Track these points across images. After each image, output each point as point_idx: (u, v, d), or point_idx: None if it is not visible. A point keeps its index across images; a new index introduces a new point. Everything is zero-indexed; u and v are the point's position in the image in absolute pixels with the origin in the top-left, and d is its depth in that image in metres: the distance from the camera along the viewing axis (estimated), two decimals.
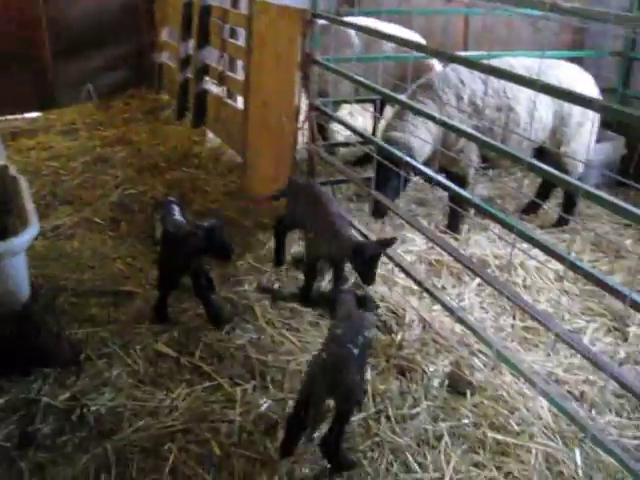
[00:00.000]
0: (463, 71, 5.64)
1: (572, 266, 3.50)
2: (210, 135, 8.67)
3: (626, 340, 4.84)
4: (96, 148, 8.27)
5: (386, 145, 5.26)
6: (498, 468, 3.60)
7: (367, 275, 4.62)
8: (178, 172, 7.54)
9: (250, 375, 4.25)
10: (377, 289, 5.20)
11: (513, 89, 5.68)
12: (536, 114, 5.77)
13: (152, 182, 7.25)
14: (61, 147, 8.29)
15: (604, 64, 7.89)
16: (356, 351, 3.51)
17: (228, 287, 5.23)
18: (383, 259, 4.96)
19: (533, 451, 3.70)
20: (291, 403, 3.88)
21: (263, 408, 3.95)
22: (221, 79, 7.98)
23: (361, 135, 5.73)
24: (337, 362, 3.42)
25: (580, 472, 3.58)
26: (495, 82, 5.61)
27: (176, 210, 4.92)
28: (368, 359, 4.11)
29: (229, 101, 8.17)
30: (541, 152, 5.97)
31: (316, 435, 3.46)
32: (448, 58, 4.38)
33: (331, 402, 3.48)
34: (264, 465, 3.55)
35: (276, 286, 5.27)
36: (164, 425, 3.82)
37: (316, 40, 5.73)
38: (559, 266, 5.43)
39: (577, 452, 3.69)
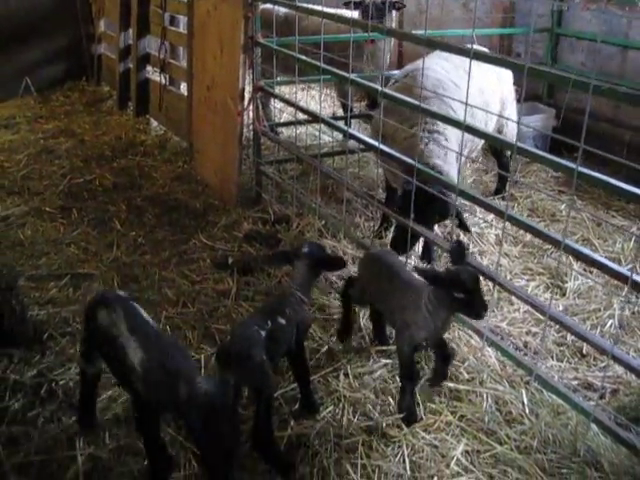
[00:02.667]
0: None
1: (510, 218, 3.76)
2: (154, 123, 8.74)
3: (564, 295, 5.16)
4: (39, 140, 8.27)
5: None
6: (453, 413, 3.85)
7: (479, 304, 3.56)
8: (125, 160, 7.62)
9: (210, 342, 4.41)
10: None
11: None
12: (490, 103, 5.85)
13: (99, 171, 7.31)
14: (2, 141, 8.25)
15: (533, 41, 8.26)
16: (263, 334, 3.46)
17: (183, 264, 5.36)
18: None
19: (484, 395, 3.98)
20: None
21: None
22: (163, 67, 8.05)
23: (308, 113, 5.90)
24: (240, 346, 3.40)
25: (527, 410, 3.86)
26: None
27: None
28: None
29: (172, 88, 8.25)
30: None
31: None
32: (387, 33, 4.58)
33: None
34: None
35: (230, 260, 5.40)
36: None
37: (257, 22, 5.88)
38: (498, 231, 5.79)
39: (523, 393, 3.98)
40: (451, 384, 4.04)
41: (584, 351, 4.50)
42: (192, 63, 7.03)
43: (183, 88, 8.10)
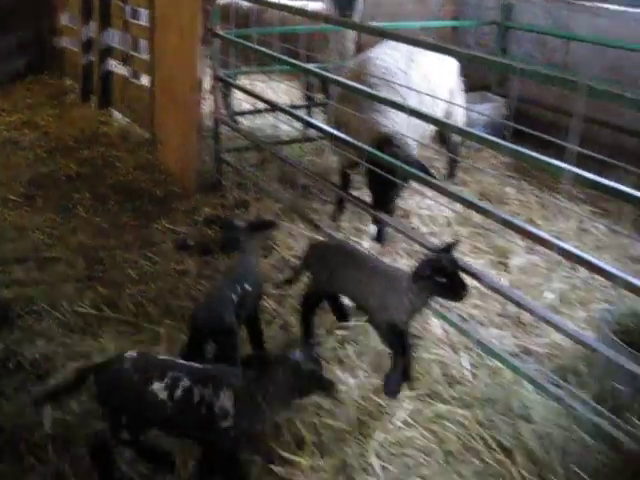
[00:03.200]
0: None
1: (460, 199, 4.05)
2: (117, 115, 8.89)
3: (509, 271, 5.48)
4: (2, 132, 8.35)
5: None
6: None
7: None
8: (88, 151, 7.74)
9: (171, 317, 4.64)
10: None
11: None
12: (438, 92, 6.07)
13: (64, 161, 7.43)
14: None
15: (483, 33, 8.60)
16: (234, 297, 3.83)
17: (145, 247, 5.58)
18: None
19: (428, 359, 4.26)
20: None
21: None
22: (125, 60, 8.22)
23: (267, 102, 6.14)
24: (215, 308, 3.77)
25: (468, 373, 4.16)
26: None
27: None
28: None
29: (134, 80, 8.42)
30: None
31: None
32: (341, 24, 4.84)
33: None
34: None
35: (191, 243, 5.62)
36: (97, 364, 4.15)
37: (216, 15, 6.11)
38: (449, 213, 6.09)
39: (465, 357, 4.28)
40: None
41: (524, 321, 4.82)
42: (154, 55, 7.22)
43: (145, 80, 8.27)
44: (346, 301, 4.60)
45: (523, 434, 3.70)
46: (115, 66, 9.10)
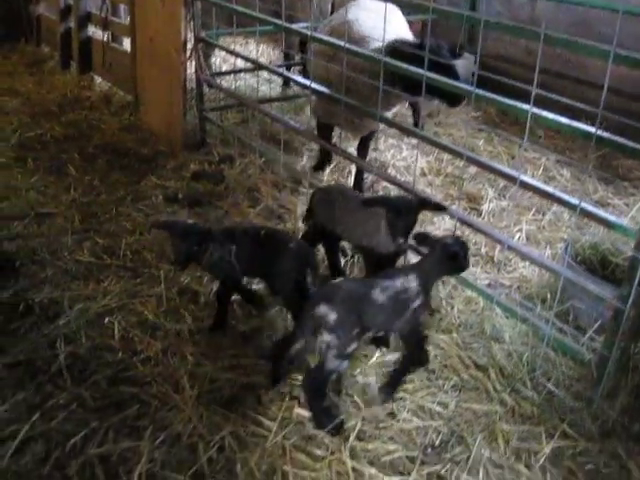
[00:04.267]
0: None
1: (432, 142, 4.40)
2: (98, 80, 9.08)
3: (481, 215, 5.86)
4: None
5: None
6: None
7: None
8: (72, 115, 7.94)
9: (168, 262, 4.96)
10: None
11: None
12: None
13: (49, 125, 7.62)
14: None
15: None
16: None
17: (137, 201, 5.87)
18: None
19: None
20: (207, 280, 4.69)
21: (184, 283, 4.70)
22: (105, 25, 8.40)
23: (248, 60, 6.41)
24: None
25: (444, 303, 4.55)
26: None
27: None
28: None
29: (115, 45, 8.61)
30: None
31: None
32: None
33: None
34: (192, 323, 4.33)
35: (180, 196, 5.93)
36: (102, 305, 4.50)
37: None
38: (424, 164, 6.46)
39: (441, 289, 4.66)
40: None
41: (495, 259, 5.22)
42: (134, 19, 7.42)
43: (125, 44, 8.47)
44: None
45: (495, 353, 4.12)
46: (94, 32, 9.27)
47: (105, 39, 8.53)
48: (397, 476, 3.35)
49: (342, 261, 4.98)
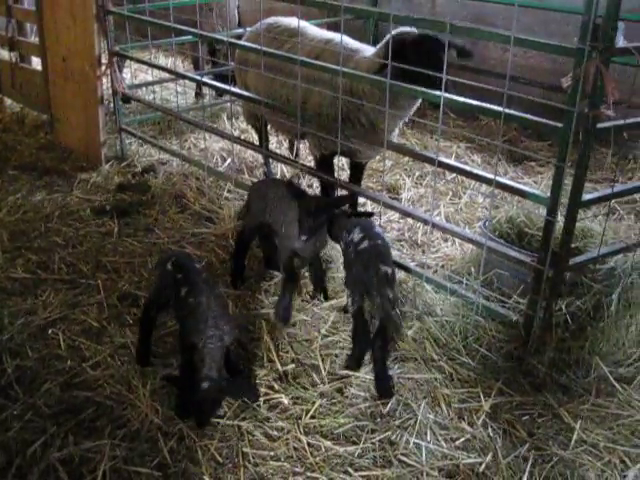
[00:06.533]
0: None
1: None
2: (8, 101, 8.96)
3: (401, 203, 6.14)
4: None
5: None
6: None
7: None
8: None
9: (104, 271, 5.04)
10: None
11: None
12: None
13: None
14: None
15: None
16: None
17: (65, 217, 5.89)
18: None
19: (337, 277, 4.86)
20: (144, 284, 4.79)
21: (123, 289, 4.79)
22: (12, 45, 8.32)
23: (164, 70, 6.52)
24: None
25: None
26: None
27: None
28: None
29: (24, 65, 8.53)
30: None
31: None
32: None
33: None
34: (134, 325, 4.41)
35: (108, 208, 5.99)
36: (43, 317, 4.53)
37: None
38: (344, 160, 6.69)
39: None
40: None
41: (419, 242, 5.50)
42: (45, 38, 7.40)
43: (35, 63, 8.41)
44: None
45: (429, 326, 4.38)
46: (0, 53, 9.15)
47: (13, 59, 8.43)
48: (351, 446, 3.55)
49: None
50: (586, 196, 3.72)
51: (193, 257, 4.55)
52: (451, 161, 4.27)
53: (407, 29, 4.46)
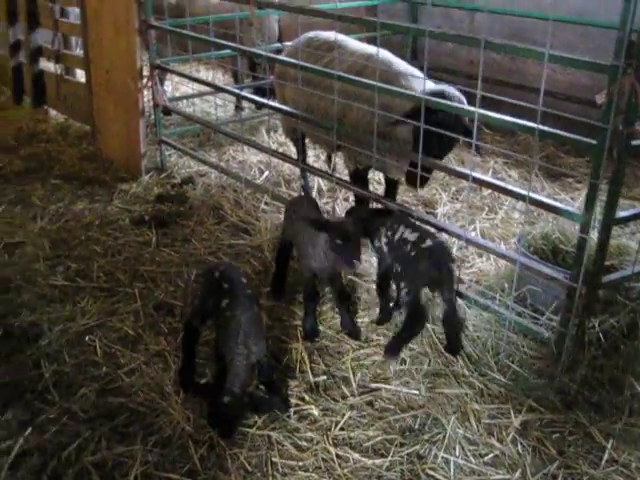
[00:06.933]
0: None
1: None
2: (53, 112, 9.19)
3: (436, 217, 6.14)
4: None
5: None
6: None
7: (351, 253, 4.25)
8: (30, 148, 8.03)
9: (141, 280, 5.14)
10: None
11: None
12: None
13: (7, 159, 7.71)
14: None
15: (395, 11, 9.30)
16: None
17: (105, 226, 6.02)
18: None
19: (371, 289, 4.89)
20: (180, 294, 4.88)
21: (160, 298, 4.88)
22: (58, 58, 8.54)
23: (209, 84, 6.65)
24: None
25: None
26: None
27: None
28: None
29: (69, 77, 8.75)
30: None
31: None
32: (264, 6, 5.39)
33: None
34: (169, 334, 4.50)
35: (147, 218, 6.10)
36: (81, 324, 4.64)
37: (149, 7, 6.59)
38: (377, 174, 6.71)
39: None
40: None
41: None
42: (89, 51, 7.58)
43: (79, 75, 8.62)
44: None
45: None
46: (46, 65, 9.38)
47: (58, 72, 8.65)
48: (379, 458, 3.56)
49: None
50: (620, 213, 3.70)
51: (241, 270, 4.56)
52: (485, 177, 4.26)
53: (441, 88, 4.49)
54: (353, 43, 5.57)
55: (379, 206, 5.12)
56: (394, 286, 4.55)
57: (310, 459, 3.55)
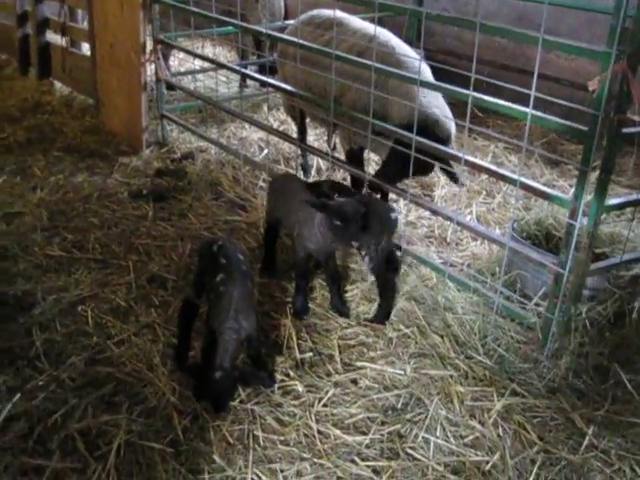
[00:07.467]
0: None
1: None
2: (58, 85, 9.20)
3: (433, 200, 6.15)
4: None
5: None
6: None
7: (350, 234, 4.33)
8: (34, 119, 8.08)
9: (135, 253, 5.19)
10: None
11: None
12: None
13: (11, 129, 7.77)
14: None
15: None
16: None
17: (103, 198, 6.06)
18: None
19: (359, 270, 4.93)
20: (174, 268, 4.92)
21: (153, 271, 4.92)
22: (64, 30, 8.54)
23: (211, 61, 6.64)
24: None
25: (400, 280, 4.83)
26: None
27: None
28: None
29: (74, 50, 8.75)
30: None
31: None
32: None
33: None
34: (160, 306, 4.55)
35: (145, 192, 6.13)
36: (74, 295, 4.68)
37: None
38: (372, 155, 6.70)
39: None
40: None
41: (448, 240, 5.52)
42: (94, 24, 7.59)
43: (84, 49, 8.63)
44: None
45: (449, 323, 4.41)
46: (52, 38, 9.38)
47: (64, 44, 8.65)
48: (360, 436, 3.60)
49: None
50: (610, 200, 3.71)
51: (239, 246, 4.58)
52: (478, 160, 4.27)
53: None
54: (355, 22, 5.55)
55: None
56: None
57: (292, 434, 3.59)
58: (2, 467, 3.34)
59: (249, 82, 9.03)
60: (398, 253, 4.87)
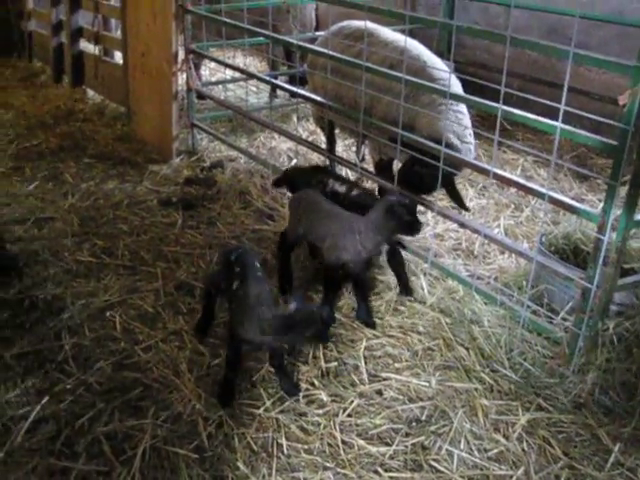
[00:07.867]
0: None
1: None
2: (91, 93, 9.35)
3: (461, 213, 6.14)
4: None
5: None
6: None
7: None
8: (67, 126, 8.22)
9: (164, 260, 5.24)
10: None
11: None
12: None
13: (44, 136, 7.90)
14: None
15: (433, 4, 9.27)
16: None
17: (133, 206, 6.13)
18: None
19: (387, 282, 4.93)
20: (201, 275, 4.96)
21: (181, 278, 4.96)
22: (97, 39, 8.68)
23: (242, 71, 6.71)
24: None
25: (426, 293, 4.82)
26: None
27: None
28: None
29: (107, 58, 8.89)
30: None
31: None
32: None
33: None
34: (187, 314, 4.60)
35: (174, 200, 6.20)
36: (103, 300, 4.75)
37: None
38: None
39: (422, 278, 4.95)
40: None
41: (475, 252, 5.51)
42: (127, 33, 7.70)
43: (117, 57, 8.76)
44: None
45: (475, 336, 4.39)
46: (85, 46, 9.54)
47: (97, 53, 8.79)
48: (383, 447, 3.61)
49: None
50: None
51: (254, 253, 4.62)
52: (506, 174, 4.26)
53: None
54: (385, 33, 5.58)
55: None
56: None
57: (316, 443, 3.61)
58: (30, 468, 3.40)
59: (279, 92, 9.08)
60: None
